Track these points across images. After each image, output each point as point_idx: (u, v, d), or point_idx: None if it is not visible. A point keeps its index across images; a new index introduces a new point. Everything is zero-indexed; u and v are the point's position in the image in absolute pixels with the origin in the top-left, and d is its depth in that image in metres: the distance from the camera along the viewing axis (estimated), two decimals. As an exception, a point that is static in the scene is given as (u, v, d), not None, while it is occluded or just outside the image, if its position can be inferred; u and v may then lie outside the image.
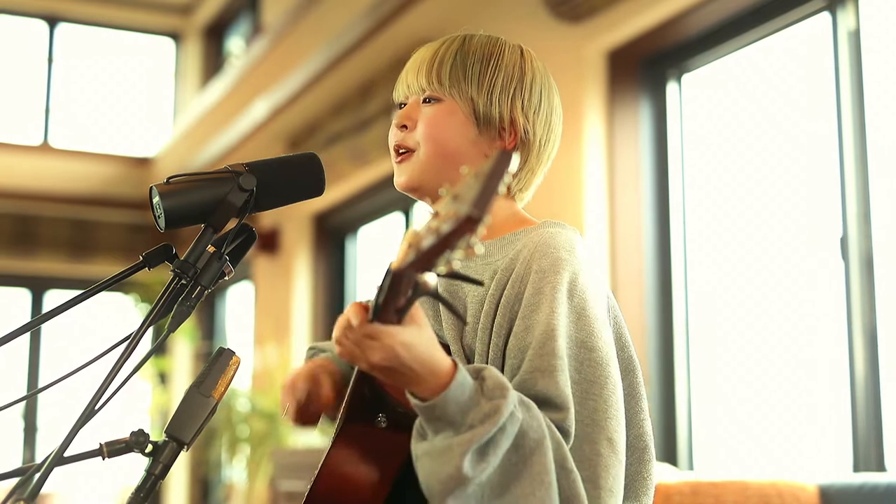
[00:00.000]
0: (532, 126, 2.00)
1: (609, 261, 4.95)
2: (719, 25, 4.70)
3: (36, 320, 1.90)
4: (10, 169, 10.36)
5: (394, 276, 1.44)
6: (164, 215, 1.83)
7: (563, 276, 1.81)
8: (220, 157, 8.83)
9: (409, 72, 2.01)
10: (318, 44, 6.87)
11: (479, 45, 2.00)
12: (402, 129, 2.00)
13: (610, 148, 5.03)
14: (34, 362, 10.72)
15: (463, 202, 1.37)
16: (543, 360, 1.74)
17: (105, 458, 1.73)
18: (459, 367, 1.61)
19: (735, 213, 4.75)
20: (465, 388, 1.60)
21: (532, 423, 1.65)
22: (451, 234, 1.36)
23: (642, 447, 1.93)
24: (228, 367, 1.81)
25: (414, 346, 1.56)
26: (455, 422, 1.60)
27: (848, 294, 4.11)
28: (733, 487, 3.39)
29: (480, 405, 1.60)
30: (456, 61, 1.97)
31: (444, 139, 1.96)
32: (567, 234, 1.92)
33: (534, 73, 2.02)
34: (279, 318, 8.64)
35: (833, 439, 4.21)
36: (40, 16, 11.19)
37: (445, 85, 1.96)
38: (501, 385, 1.62)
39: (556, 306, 1.78)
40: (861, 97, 4.14)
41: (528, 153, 2.01)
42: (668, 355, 4.85)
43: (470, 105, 1.96)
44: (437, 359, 1.59)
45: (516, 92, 1.98)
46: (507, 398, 1.61)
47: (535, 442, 1.64)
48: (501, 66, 1.98)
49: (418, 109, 1.99)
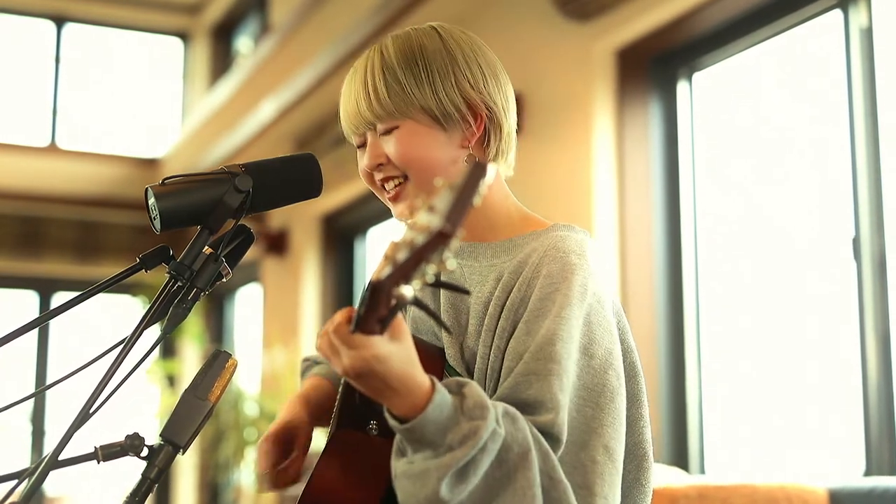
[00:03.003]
0: (490, 96, 1.95)
1: (619, 262, 4.91)
2: (730, 23, 4.66)
3: (34, 322, 1.89)
4: (16, 170, 10.35)
5: (372, 288, 1.44)
6: (159, 217, 1.82)
7: (574, 282, 1.79)
8: (227, 157, 8.81)
9: (349, 111, 1.96)
10: (326, 43, 6.85)
11: (398, 50, 1.94)
12: (378, 168, 1.95)
13: (620, 148, 4.99)
14: (42, 366, 10.71)
15: (436, 215, 1.37)
16: (539, 364, 1.72)
17: (100, 461, 1.72)
18: (438, 388, 1.59)
19: (746, 213, 4.72)
20: (443, 408, 1.57)
21: (517, 436, 1.63)
22: (424, 248, 1.37)
23: (641, 454, 1.93)
24: (225, 370, 1.79)
25: (388, 359, 1.53)
26: (434, 442, 1.57)
27: (860, 295, 4.07)
28: (741, 491, 3.36)
29: (460, 425, 1.58)
30: (388, 81, 1.91)
31: (421, 157, 1.91)
32: (578, 237, 1.90)
33: (460, 46, 1.97)
34: (287, 321, 8.62)
35: (845, 443, 4.18)
36: (47, 16, 11.20)
37: (393, 111, 1.90)
38: (482, 404, 1.60)
39: (562, 312, 1.76)
40: (873, 95, 4.10)
41: (498, 121, 1.96)
42: (678, 357, 4.81)
43: (425, 114, 1.91)
44: (414, 377, 1.57)
45: (457, 76, 1.93)
46: (487, 419, 1.58)
47: (520, 456, 1.62)
48: (430, 60, 1.93)
49: (380, 144, 1.94)
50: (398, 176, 1.94)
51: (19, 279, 10.90)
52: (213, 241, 1.86)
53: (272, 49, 8.01)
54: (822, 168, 4.36)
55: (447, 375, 1.87)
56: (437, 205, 1.39)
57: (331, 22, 6.96)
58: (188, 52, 11.84)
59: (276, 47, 7.93)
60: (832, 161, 4.29)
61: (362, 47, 6.31)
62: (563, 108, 5.18)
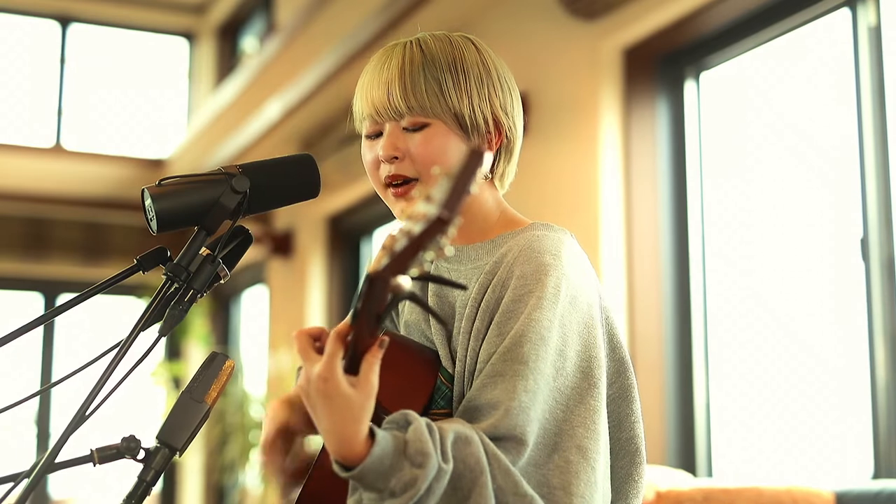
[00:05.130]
0: (513, 120, 1.96)
1: (625, 264, 4.89)
2: (738, 22, 4.64)
3: (30, 324, 1.90)
4: (22, 171, 10.34)
5: (370, 280, 1.44)
6: (156, 218, 1.82)
7: (547, 284, 1.78)
8: (233, 158, 8.79)
9: (376, 94, 1.91)
10: (331, 43, 6.84)
11: (440, 51, 1.92)
12: (391, 161, 1.91)
13: (626, 148, 4.97)
14: (47, 369, 10.70)
15: (433, 203, 1.38)
16: (506, 365, 1.72)
17: (96, 464, 1.73)
18: (377, 439, 1.59)
19: (754, 214, 4.69)
20: (383, 459, 1.58)
21: (468, 462, 1.64)
22: (422, 236, 1.38)
23: (633, 450, 1.91)
24: (221, 372, 1.80)
25: (334, 405, 1.55)
26: (377, 487, 1.59)
27: (869, 296, 4.04)
28: (747, 494, 3.34)
29: (403, 471, 1.59)
30: (428, 77, 1.89)
31: (443, 161, 1.87)
32: (554, 236, 1.89)
33: (495, 65, 1.97)
34: (293, 322, 8.60)
35: (854, 446, 4.15)
36: (52, 16, 11.18)
37: (427, 108, 1.88)
38: (422, 451, 1.60)
39: (533, 314, 1.75)
40: (882, 94, 4.07)
41: (512, 147, 1.98)
42: (686, 359, 4.79)
43: (455, 120, 1.89)
44: (351, 433, 1.57)
45: (490, 92, 1.93)
46: (427, 466, 1.59)
47: (472, 481, 1.63)
48: (469, 69, 1.92)
49: (402, 137, 1.91)
50: (409, 177, 1.91)
51: (24, 281, 10.89)
52: (210, 242, 1.86)
53: (278, 49, 8.00)
54: (831, 168, 4.34)
55: (442, 379, 1.87)
56: (434, 194, 1.40)
57: (336, 22, 6.95)
58: (194, 53, 11.83)
59: (282, 47, 7.92)
60: (840, 161, 4.27)
61: (368, 47, 6.32)
62: (569, 107, 5.16)
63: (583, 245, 1.99)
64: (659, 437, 4.71)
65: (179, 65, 11.92)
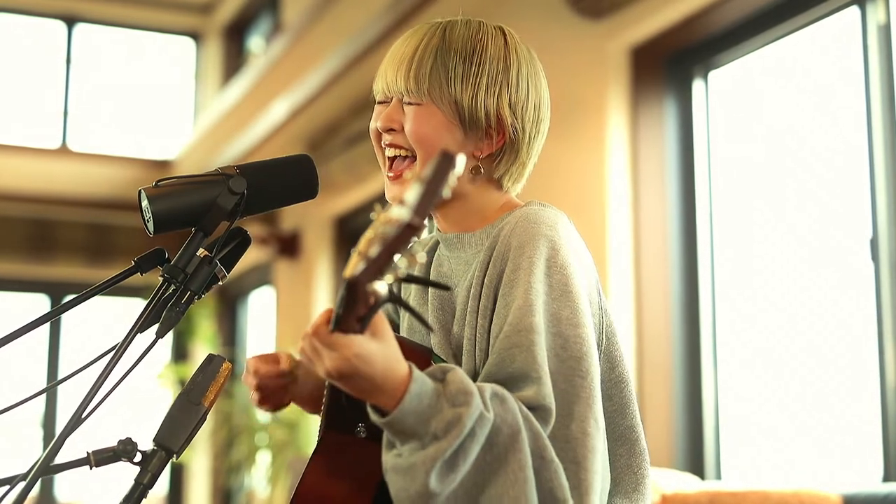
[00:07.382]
0: (521, 122, 1.95)
1: (633, 263, 4.87)
2: (746, 20, 4.61)
3: (29, 325, 1.90)
4: (27, 172, 10.35)
5: (347, 286, 1.45)
6: (152, 219, 1.83)
7: (541, 250, 1.79)
8: (240, 158, 8.78)
9: (389, 69, 1.95)
10: (338, 42, 6.84)
11: (461, 39, 1.93)
12: (389, 132, 1.95)
13: (634, 147, 4.95)
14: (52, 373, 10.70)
15: (406, 208, 1.39)
16: (521, 336, 1.71)
17: (92, 466, 1.73)
18: (415, 377, 1.58)
19: (762, 213, 4.67)
20: (422, 397, 1.56)
21: (506, 418, 1.62)
22: (396, 241, 1.40)
23: (634, 438, 1.90)
24: (219, 374, 1.79)
25: (371, 358, 1.53)
26: (417, 433, 1.57)
27: (878, 297, 4.02)
28: (753, 497, 3.33)
29: (443, 412, 1.57)
30: (437, 61, 1.90)
31: (431, 139, 1.90)
32: (550, 212, 1.90)
33: (519, 63, 1.97)
34: (300, 323, 8.59)
35: (864, 448, 4.13)
36: (58, 16, 11.20)
37: (424, 89, 1.90)
38: (465, 390, 1.59)
39: (533, 280, 1.75)
40: (891, 92, 4.05)
41: (517, 149, 1.97)
42: (694, 360, 4.76)
43: (453, 108, 1.90)
44: (396, 372, 1.56)
45: (502, 88, 1.93)
46: (471, 404, 1.57)
47: (510, 437, 1.62)
48: (485, 62, 1.92)
49: (401, 111, 1.94)
50: (404, 148, 1.94)
51: (30, 282, 10.90)
52: (208, 243, 1.86)
53: (284, 49, 8.00)
54: (839, 168, 4.32)
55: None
56: (407, 198, 1.41)
57: (343, 21, 6.94)
58: (200, 53, 11.84)
59: (289, 47, 7.92)
60: (849, 160, 4.25)
61: (375, 46, 6.31)
62: (577, 106, 5.13)
63: (590, 245, 1.98)
64: (667, 440, 4.68)
65: (186, 65, 11.93)
